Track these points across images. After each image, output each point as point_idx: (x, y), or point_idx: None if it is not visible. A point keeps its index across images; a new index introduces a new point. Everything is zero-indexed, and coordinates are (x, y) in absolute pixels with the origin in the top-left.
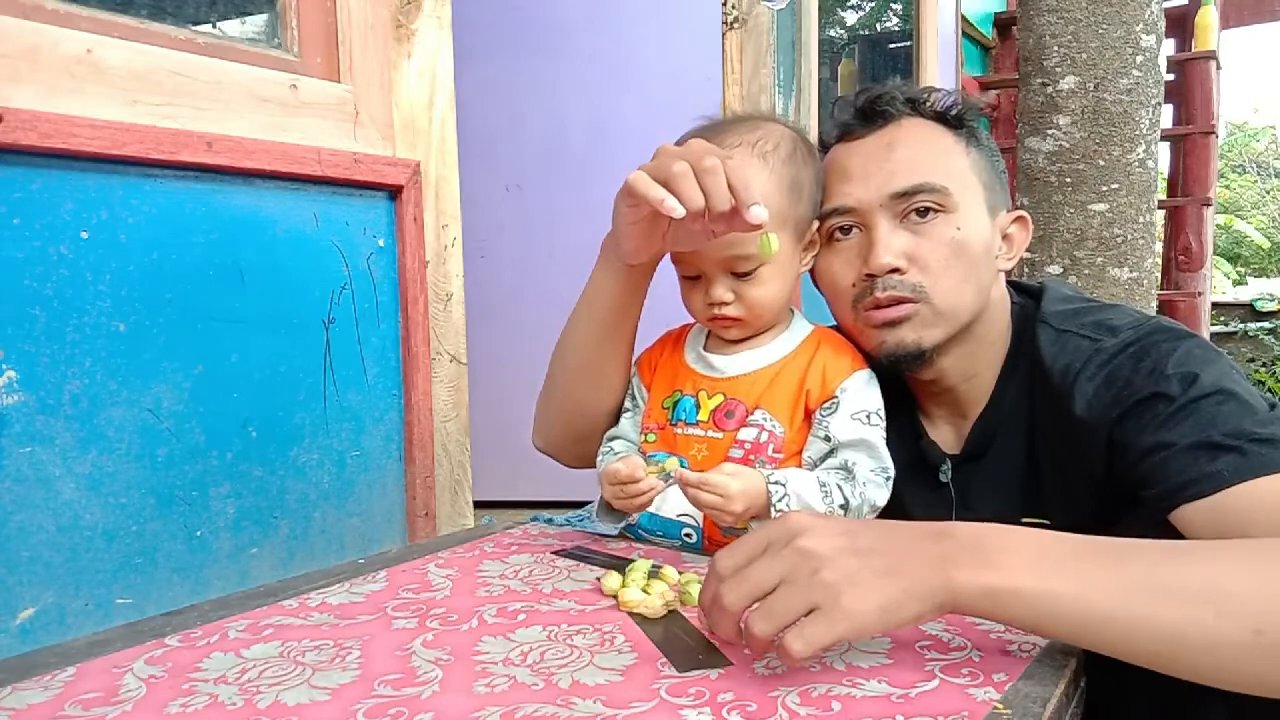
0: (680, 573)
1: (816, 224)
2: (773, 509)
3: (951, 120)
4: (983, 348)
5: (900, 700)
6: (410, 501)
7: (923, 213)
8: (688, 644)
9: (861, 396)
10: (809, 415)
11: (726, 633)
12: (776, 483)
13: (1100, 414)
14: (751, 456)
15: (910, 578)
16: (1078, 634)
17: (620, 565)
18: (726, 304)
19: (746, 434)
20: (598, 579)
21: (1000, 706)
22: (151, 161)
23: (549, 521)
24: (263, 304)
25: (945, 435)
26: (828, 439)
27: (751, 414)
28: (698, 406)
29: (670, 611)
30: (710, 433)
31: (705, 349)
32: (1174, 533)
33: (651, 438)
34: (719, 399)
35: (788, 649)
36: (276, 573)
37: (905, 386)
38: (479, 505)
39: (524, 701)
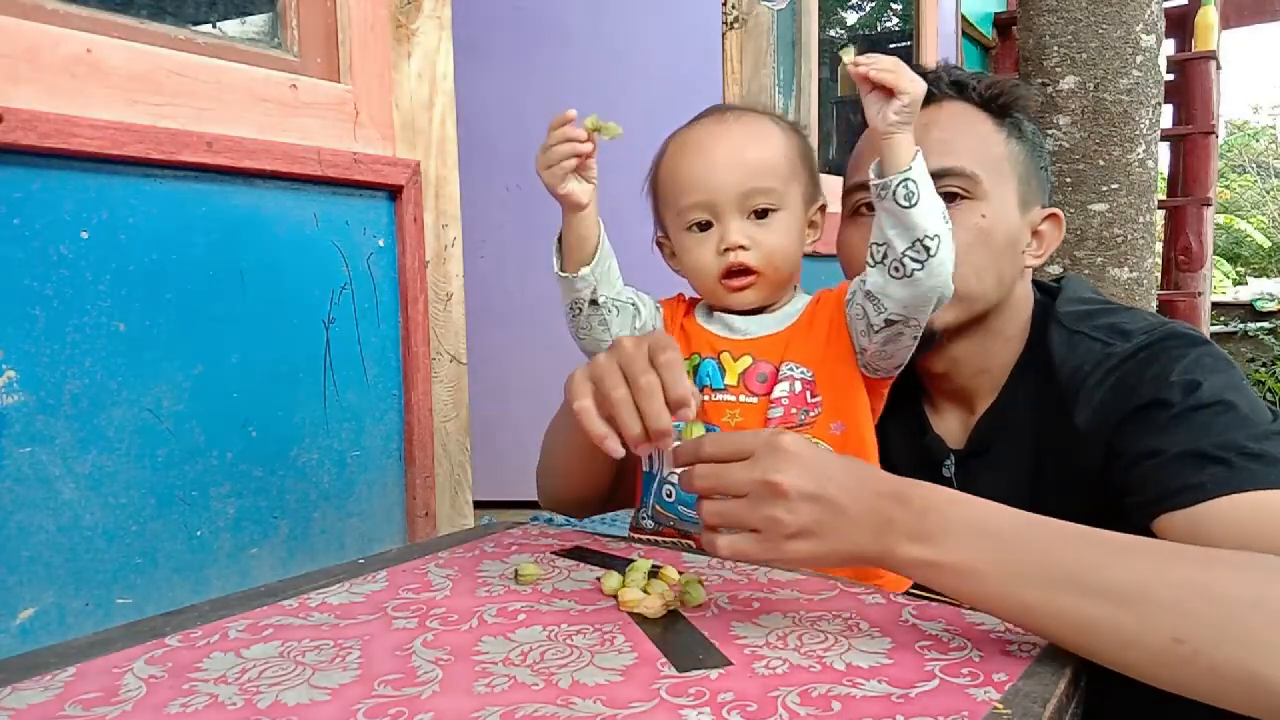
0: (680, 573)
1: (821, 204)
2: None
3: (996, 108)
4: (998, 343)
5: (900, 700)
6: (410, 501)
7: (949, 197)
8: (688, 644)
9: None
10: (838, 333)
11: (687, 491)
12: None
13: (1104, 421)
14: (793, 410)
15: (850, 543)
16: (1002, 615)
17: (620, 565)
18: (744, 249)
19: (781, 390)
20: (598, 579)
21: (1000, 706)
22: (151, 161)
23: (549, 521)
24: (263, 304)
25: (951, 428)
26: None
27: (780, 369)
28: (722, 370)
29: (670, 611)
30: (744, 398)
31: (725, 314)
32: None
33: None
34: (747, 360)
35: (713, 542)
36: (276, 573)
37: (913, 376)
38: (479, 505)
39: (524, 701)
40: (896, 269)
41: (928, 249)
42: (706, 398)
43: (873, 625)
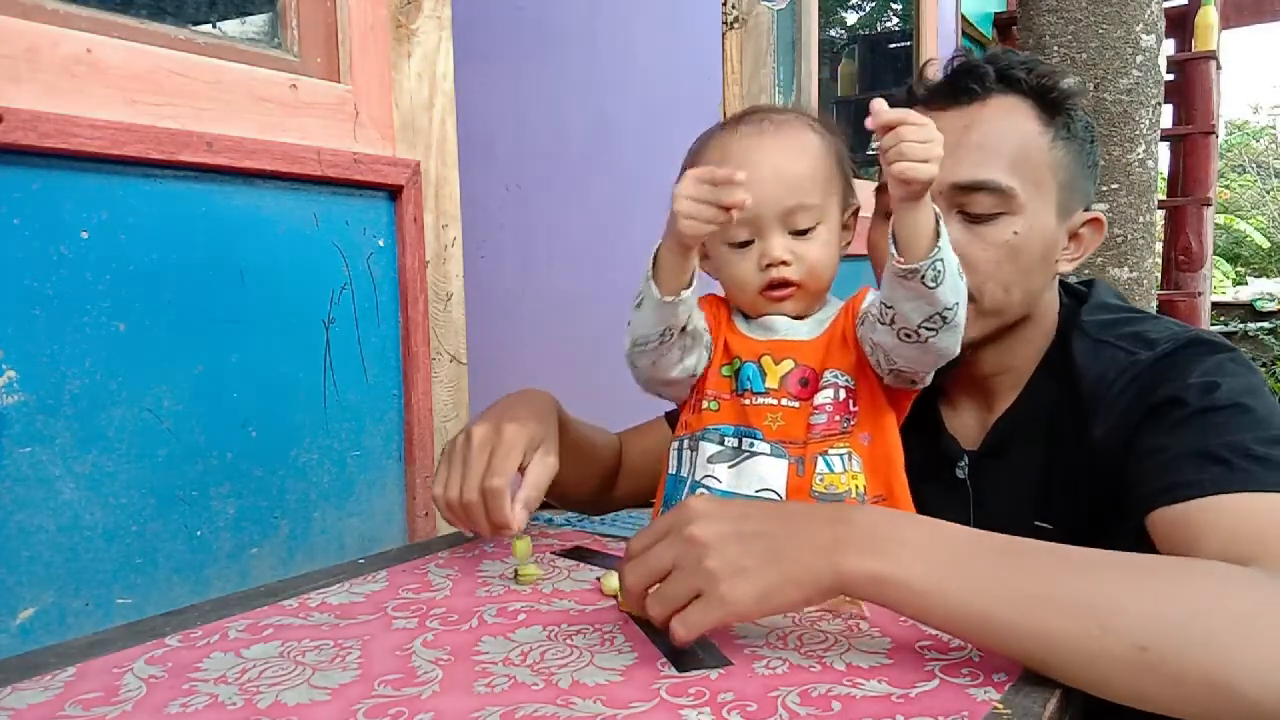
0: None
1: (855, 207)
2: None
3: (1048, 103)
4: (1023, 344)
5: (900, 700)
6: (410, 501)
7: (979, 214)
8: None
9: None
10: (860, 353)
11: (635, 608)
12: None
13: (1125, 426)
14: (837, 417)
15: (794, 564)
16: (962, 631)
17: None
18: (786, 264)
19: (825, 396)
20: (598, 579)
21: (1000, 706)
22: (151, 161)
23: (549, 521)
24: (263, 304)
25: (967, 426)
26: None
27: (823, 375)
28: (763, 373)
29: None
30: (785, 401)
31: (760, 316)
32: (1150, 543)
33: (714, 406)
34: (788, 364)
35: (673, 633)
36: (276, 573)
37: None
38: None
39: (524, 701)
40: (908, 335)
41: (944, 318)
42: (747, 402)
43: (873, 625)
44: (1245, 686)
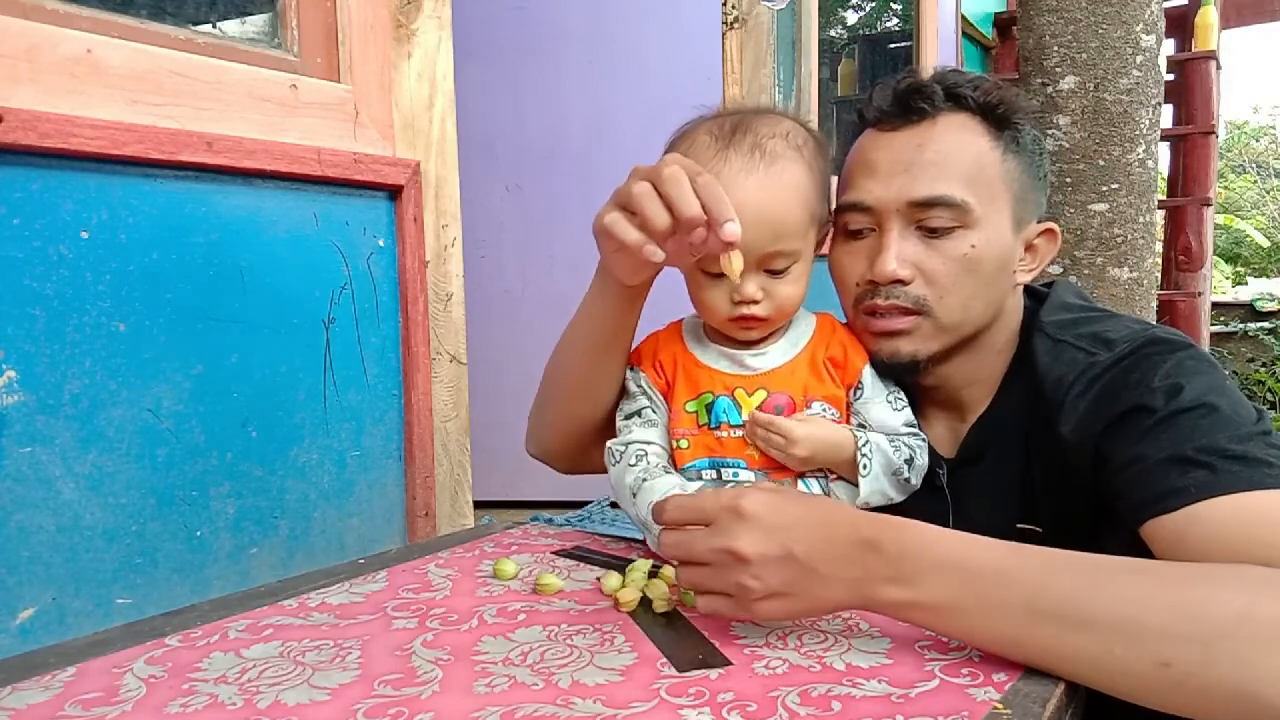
0: None
1: (830, 225)
2: (858, 454)
3: (994, 119)
4: (989, 355)
5: (900, 700)
6: (410, 501)
7: (935, 230)
8: (688, 644)
9: (881, 381)
10: (846, 392)
11: (661, 553)
12: (861, 426)
13: (1088, 430)
14: None
15: (824, 599)
16: (989, 650)
17: (620, 565)
18: (756, 303)
19: None
20: (598, 579)
21: (1000, 706)
22: (151, 161)
23: (549, 521)
24: (263, 304)
25: (941, 436)
26: (863, 426)
27: (808, 407)
28: (738, 406)
29: (670, 611)
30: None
31: (727, 347)
32: (1147, 549)
33: (684, 444)
34: (761, 394)
35: (695, 603)
36: (276, 573)
37: (902, 384)
38: (479, 505)
39: (524, 701)
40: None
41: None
42: (725, 434)
43: (873, 625)
44: (1272, 696)
